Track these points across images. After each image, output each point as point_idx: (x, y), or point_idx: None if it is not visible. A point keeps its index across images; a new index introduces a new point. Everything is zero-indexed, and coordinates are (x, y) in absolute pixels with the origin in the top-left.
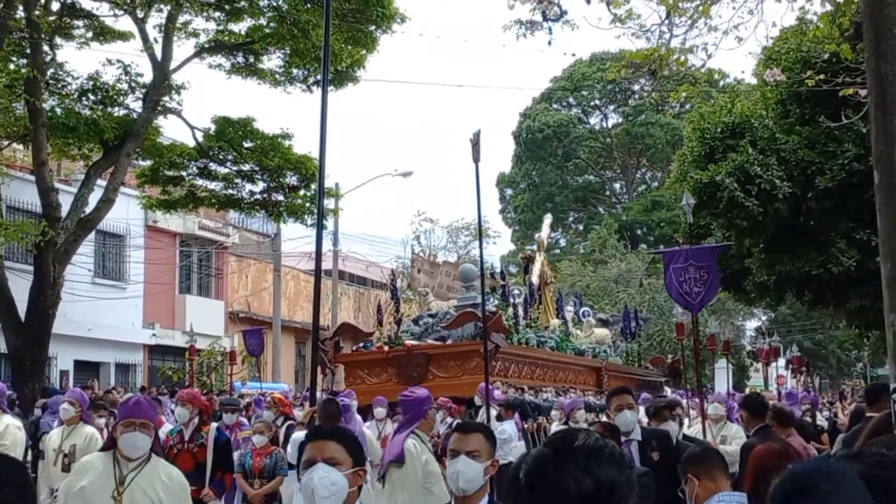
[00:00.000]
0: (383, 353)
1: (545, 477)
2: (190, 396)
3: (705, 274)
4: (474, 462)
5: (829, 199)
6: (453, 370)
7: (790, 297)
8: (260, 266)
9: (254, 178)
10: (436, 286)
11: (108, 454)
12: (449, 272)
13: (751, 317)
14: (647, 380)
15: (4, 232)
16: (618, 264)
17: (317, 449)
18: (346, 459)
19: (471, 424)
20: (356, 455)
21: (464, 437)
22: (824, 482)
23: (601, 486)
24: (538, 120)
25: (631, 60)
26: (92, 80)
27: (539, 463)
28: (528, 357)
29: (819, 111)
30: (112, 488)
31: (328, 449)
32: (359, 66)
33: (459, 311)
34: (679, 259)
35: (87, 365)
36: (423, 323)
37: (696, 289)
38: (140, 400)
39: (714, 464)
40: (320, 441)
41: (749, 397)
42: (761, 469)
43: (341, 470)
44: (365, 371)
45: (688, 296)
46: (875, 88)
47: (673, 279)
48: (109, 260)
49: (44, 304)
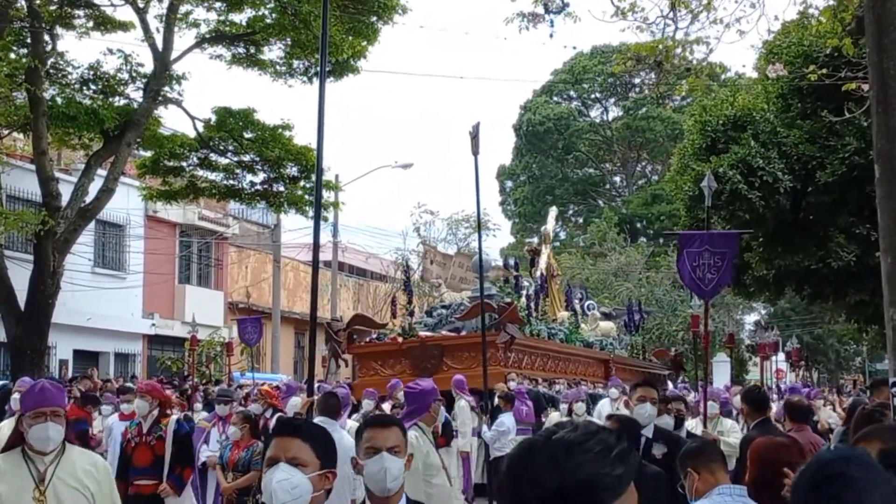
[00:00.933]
0: (397, 345)
1: (524, 468)
2: (149, 388)
3: (720, 261)
4: (397, 458)
5: (829, 193)
6: (467, 361)
7: (790, 292)
8: (260, 257)
9: (254, 169)
10: (448, 277)
11: (15, 452)
12: (462, 263)
13: (750, 311)
14: (652, 373)
15: (4, 221)
16: (617, 257)
17: (280, 447)
18: (313, 460)
19: (387, 418)
20: (325, 455)
21: (383, 432)
22: (854, 469)
23: (578, 482)
24: (539, 113)
25: (636, 53)
26: (92, 70)
27: (518, 455)
28: (540, 349)
29: (821, 106)
30: (31, 488)
31: (292, 447)
32: (359, 58)
33: (474, 302)
34: (695, 243)
35: (87, 354)
36: (437, 314)
37: (710, 275)
38: (46, 386)
39: (713, 457)
40: (284, 438)
41: (750, 391)
42: (763, 462)
43: (306, 472)
44: (379, 362)
45: (700, 282)
46: (876, 83)
47: (686, 264)
48: (109, 250)
49: (43, 294)
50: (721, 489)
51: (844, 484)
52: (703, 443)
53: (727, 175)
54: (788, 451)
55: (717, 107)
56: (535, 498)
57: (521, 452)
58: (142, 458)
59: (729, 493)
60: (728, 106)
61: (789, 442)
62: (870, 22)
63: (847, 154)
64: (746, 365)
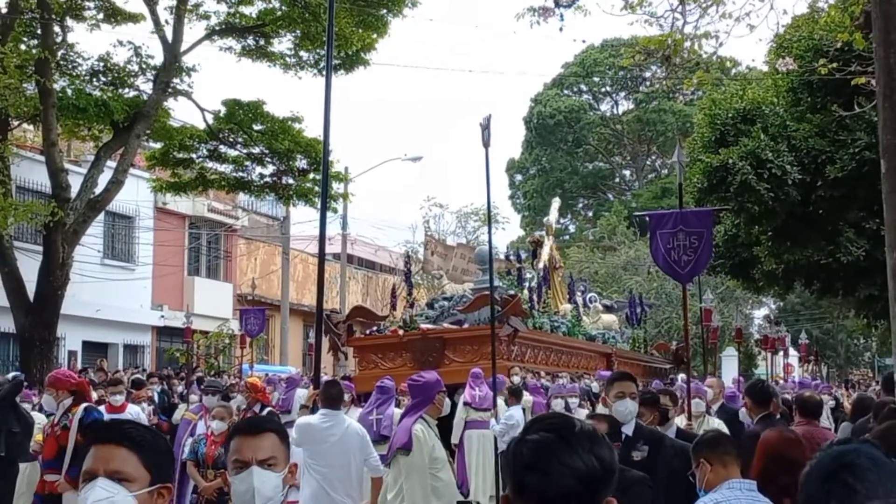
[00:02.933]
0: (398, 338)
1: (558, 461)
2: (52, 381)
3: (696, 241)
4: (271, 473)
5: (838, 188)
6: (470, 355)
7: (799, 286)
8: (269, 249)
9: (263, 161)
10: (450, 269)
11: None
12: (464, 255)
13: (759, 305)
14: (654, 367)
15: (14, 212)
16: (626, 251)
17: (99, 458)
18: (140, 474)
19: (259, 422)
20: (156, 466)
21: (252, 441)
22: (864, 460)
23: (604, 463)
24: (549, 105)
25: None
26: (102, 62)
27: (547, 449)
28: (543, 342)
29: (830, 100)
30: None
31: (115, 458)
32: (369, 50)
33: (476, 294)
34: (668, 223)
35: (96, 346)
36: (439, 306)
37: (686, 257)
38: None
39: (727, 450)
40: (105, 446)
41: (754, 385)
42: (771, 456)
43: (132, 489)
44: (379, 355)
45: (676, 265)
46: (883, 77)
47: (660, 246)
48: (118, 241)
49: (52, 285)
50: (731, 483)
51: (855, 474)
52: (720, 434)
53: (737, 166)
54: (796, 446)
55: (726, 100)
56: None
57: (554, 444)
58: (49, 451)
59: (739, 487)
60: (738, 99)
61: (797, 437)
62: (877, 17)
63: (857, 149)
64: (756, 359)
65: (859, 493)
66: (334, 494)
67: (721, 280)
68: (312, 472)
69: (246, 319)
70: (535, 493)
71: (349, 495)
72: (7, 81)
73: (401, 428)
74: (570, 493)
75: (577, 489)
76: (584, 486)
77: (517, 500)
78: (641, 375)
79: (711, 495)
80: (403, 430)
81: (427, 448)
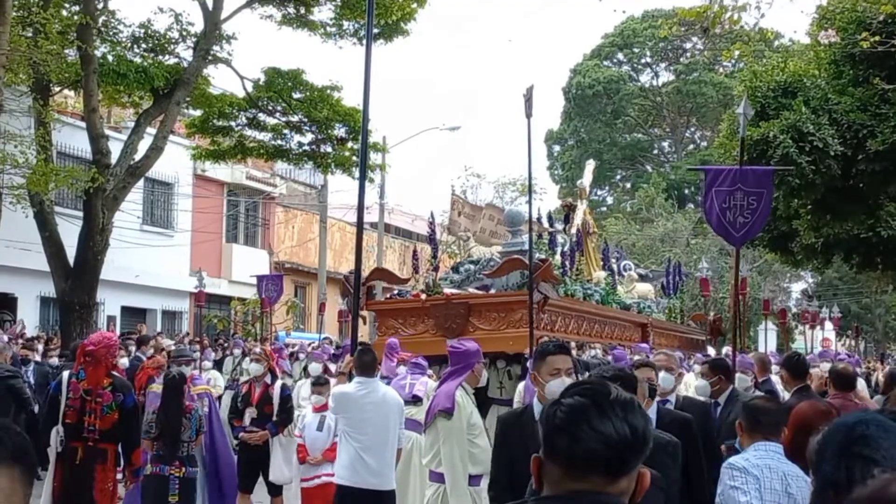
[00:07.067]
0: (420, 302)
1: (588, 425)
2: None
3: (754, 202)
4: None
5: (879, 161)
6: (496, 322)
7: (838, 260)
8: (306, 217)
9: (302, 130)
10: (478, 231)
11: None
12: (493, 216)
13: (797, 279)
14: (691, 338)
15: (55, 177)
16: (664, 223)
17: None
18: None
19: None
20: None
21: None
22: (875, 429)
23: (636, 432)
24: (588, 76)
25: (683, 18)
26: (143, 28)
27: (579, 413)
28: (574, 310)
29: (873, 73)
30: None
31: None
32: (409, 20)
33: (505, 257)
34: (725, 181)
35: (134, 311)
36: (465, 270)
37: (742, 219)
38: None
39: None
40: None
41: (790, 357)
42: (802, 427)
43: None
44: (399, 321)
45: (731, 226)
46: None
47: (715, 204)
48: (157, 208)
49: (92, 250)
50: (757, 445)
51: (869, 445)
52: (767, 403)
53: (778, 139)
54: (828, 417)
55: (767, 72)
56: (601, 445)
57: (588, 410)
58: None
59: (764, 449)
60: (779, 72)
61: (829, 408)
62: None
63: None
64: (793, 333)
65: (879, 462)
66: (371, 461)
67: (760, 253)
68: (350, 439)
69: (264, 286)
70: (563, 456)
71: (386, 462)
72: (49, 47)
73: (441, 392)
74: (598, 458)
75: (606, 455)
76: (612, 452)
77: (547, 460)
78: (679, 346)
79: (736, 457)
80: (445, 394)
81: (466, 414)
